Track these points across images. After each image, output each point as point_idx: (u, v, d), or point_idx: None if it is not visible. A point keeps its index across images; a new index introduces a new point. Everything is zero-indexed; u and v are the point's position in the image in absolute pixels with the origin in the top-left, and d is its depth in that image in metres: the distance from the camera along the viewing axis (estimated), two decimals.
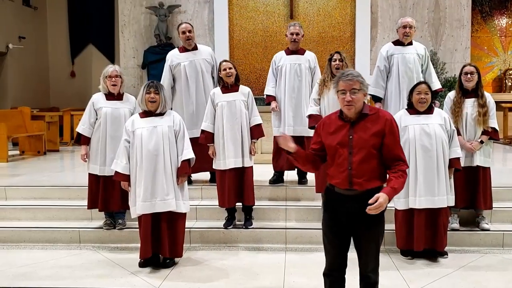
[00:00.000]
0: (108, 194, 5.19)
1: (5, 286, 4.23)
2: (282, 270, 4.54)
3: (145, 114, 4.57)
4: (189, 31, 5.97)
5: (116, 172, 4.58)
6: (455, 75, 11.04)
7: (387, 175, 3.13)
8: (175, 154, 4.55)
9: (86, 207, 5.37)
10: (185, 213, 4.67)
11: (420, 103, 4.65)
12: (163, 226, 4.50)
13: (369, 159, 3.04)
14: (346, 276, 3.25)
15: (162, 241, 4.50)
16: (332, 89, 5.29)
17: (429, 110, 4.71)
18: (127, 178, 4.55)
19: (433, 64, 10.66)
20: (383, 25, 11.42)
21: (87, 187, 5.35)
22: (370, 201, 2.92)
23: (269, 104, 6.02)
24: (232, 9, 11.67)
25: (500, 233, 5.12)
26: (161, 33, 11.42)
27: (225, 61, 5.32)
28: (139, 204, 4.43)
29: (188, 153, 4.55)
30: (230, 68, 5.22)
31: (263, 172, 6.33)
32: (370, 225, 3.08)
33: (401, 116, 4.78)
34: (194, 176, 6.18)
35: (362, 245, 3.14)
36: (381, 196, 2.93)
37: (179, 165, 4.57)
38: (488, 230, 5.14)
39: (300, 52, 6.02)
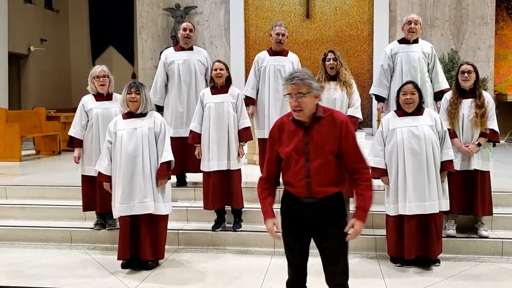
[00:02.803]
0: (103, 195, 5.12)
1: None
2: (263, 274, 4.44)
3: (127, 115, 4.55)
4: (190, 30, 5.94)
5: (99, 172, 4.58)
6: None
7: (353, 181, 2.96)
8: (155, 156, 4.49)
9: (81, 207, 5.37)
10: (166, 215, 4.62)
11: (407, 104, 4.46)
12: (142, 228, 4.46)
13: (327, 166, 2.88)
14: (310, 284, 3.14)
15: (142, 243, 4.46)
16: (326, 90, 5.20)
17: (418, 111, 4.50)
18: (109, 179, 4.54)
19: (453, 64, 10.43)
20: (402, 24, 11.09)
21: (81, 190, 5.34)
22: (346, 230, 2.86)
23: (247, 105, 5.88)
24: (248, 9, 11.60)
25: (499, 241, 4.86)
26: (177, 34, 11.42)
27: (218, 61, 5.23)
28: (117, 206, 4.42)
29: (167, 155, 4.47)
30: (221, 69, 5.12)
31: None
32: (333, 232, 2.93)
33: (389, 119, 4.60)
34: (189, 177, 6.13)
35: (328, 256, 2.97)
36: (356, 224, 2.87)
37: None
38: (487, 237, 4.88)
39: (283, 53, 5.89)
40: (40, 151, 9.84)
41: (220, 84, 5.17)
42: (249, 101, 5.87)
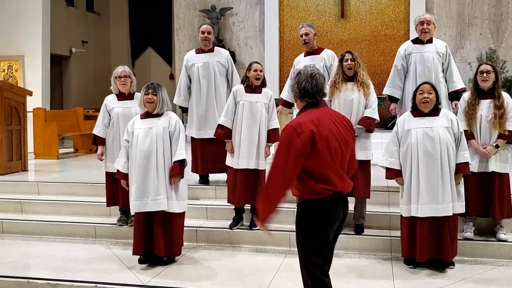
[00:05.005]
0: (124, 191, 5.33)
1: (7, 275, 4.52)
2: (274, 273, 4.48)
3: (145, 115, 4.70)
4: (208, 33, 6.04)
5: (117, 170, 4.76)
6: None
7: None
8: (169, 154, 4.61)
9: (106, 204, 5.59)
10: (182, 213, 4.72)
11: (424, 103, 4.40)
12: (156, 225, 4.59)
13: None
14: None
15: (155, 239, 4.59)
16: (343, 91, 5.16)
17: (434, 112, 4.44)
18: (126, 176, 4.71)
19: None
20: (439, 23, 10.84)
21: (105, 186, 5.56)
22: None
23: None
24: (283, 9, 11.65)
25: None
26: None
27: (257, 62, 5.32)
28: (132, 202, 4.58)
29: (180, 154, 4.57)
30: (261, 71, 5.24)
31: None
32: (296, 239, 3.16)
33: (404, 119, 4.56)
34: (212, 176, 6.24)
35: None
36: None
37: None
38: (506, 241, 4.75)
39: (317, 52, 5.88)
40: (78, 149, 10.24)
41: (256, 85, 5.26)
42: (283, 102, 5.99)
